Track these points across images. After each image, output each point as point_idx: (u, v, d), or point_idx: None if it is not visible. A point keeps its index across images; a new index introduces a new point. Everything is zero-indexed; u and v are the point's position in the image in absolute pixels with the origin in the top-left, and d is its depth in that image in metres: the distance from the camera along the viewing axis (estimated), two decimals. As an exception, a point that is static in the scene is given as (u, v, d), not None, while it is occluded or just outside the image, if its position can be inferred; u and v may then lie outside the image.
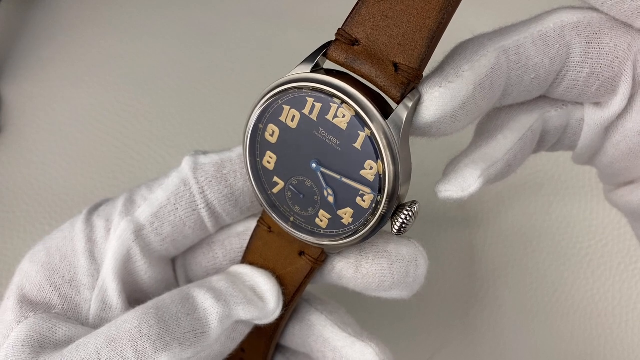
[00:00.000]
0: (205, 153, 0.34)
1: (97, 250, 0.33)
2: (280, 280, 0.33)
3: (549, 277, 0.49)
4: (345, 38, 0.28)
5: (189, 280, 0.36)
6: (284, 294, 0.33)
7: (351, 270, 0.32)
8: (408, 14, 0.27)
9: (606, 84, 0.31)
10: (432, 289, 0.32)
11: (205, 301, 0.30)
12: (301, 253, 0.32)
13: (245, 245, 0.34)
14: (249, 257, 0.34)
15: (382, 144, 0.27)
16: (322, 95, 0.28)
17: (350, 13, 0.28)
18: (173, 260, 0.36)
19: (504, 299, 0.48)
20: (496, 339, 0.47)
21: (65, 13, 0.57)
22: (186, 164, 0.33)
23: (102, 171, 0.50)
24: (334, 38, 0.29)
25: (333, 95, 0.28)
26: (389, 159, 0.28)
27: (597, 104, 0.32)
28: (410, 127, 0.29)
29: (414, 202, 0.29)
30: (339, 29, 0.29)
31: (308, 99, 0.28)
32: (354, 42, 0.28)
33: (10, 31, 0.56)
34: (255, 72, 0.55)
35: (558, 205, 0.50)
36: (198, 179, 0.33)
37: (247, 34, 0.57)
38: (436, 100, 0.27)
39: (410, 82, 0.27)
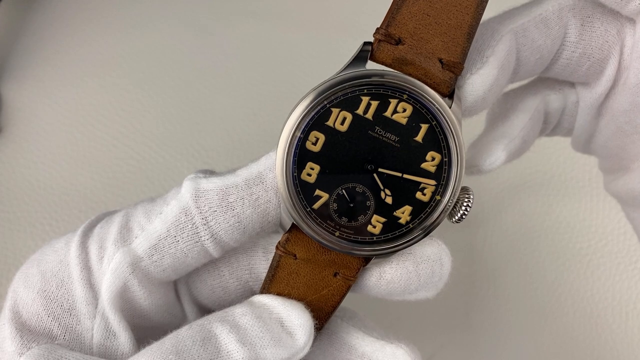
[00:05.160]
0: (206, 175, 0.31)
1: (94, 278, 0.31)
2: (312, 305, 0.31)
3: (549, 277, 0.49)
4: (390, 38, 0.28)
5: (194, 299, 0.34)
6: (315, 326, 0.30)
7: (374, 277, 0.31)
8: (447, 11, 0.28)
9: (595, 64, 0.33)
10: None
11: (229, 344, 0.28)
12: (335, 274, 0.31)
13: (253, 262, 0.33)
14: (274, 288, 0.31)
15: (447, 133, 0.28)
16: (382, 91, 0.28)
17: (389, 13, 0.29)
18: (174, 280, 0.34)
19: (504, 299, 0.48)
20: (496, 339, 0.47)
21: (65, 13, 0.57)
22: (186, 190, 0.30)
23: (102, 171, 0.50)
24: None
25: (398, 88, 0.28)
26: (454, 147, 0.29)
27: (586, 84, 0.35)
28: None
29: (468, 189, 0.30)
30: (380, 30, 0.29)
31: (363, 97, 0.28)
32: (398, 41, 0.29)
33: (10, 31, 0.56)
34: (255, 72, 0.55)
35: (558, 205, 0.51)
36: (200, 208, 0.29)
37: (247, 34, 0.57)
38: (470, 86, 0.29)
39: (457, 76, 0.29)
